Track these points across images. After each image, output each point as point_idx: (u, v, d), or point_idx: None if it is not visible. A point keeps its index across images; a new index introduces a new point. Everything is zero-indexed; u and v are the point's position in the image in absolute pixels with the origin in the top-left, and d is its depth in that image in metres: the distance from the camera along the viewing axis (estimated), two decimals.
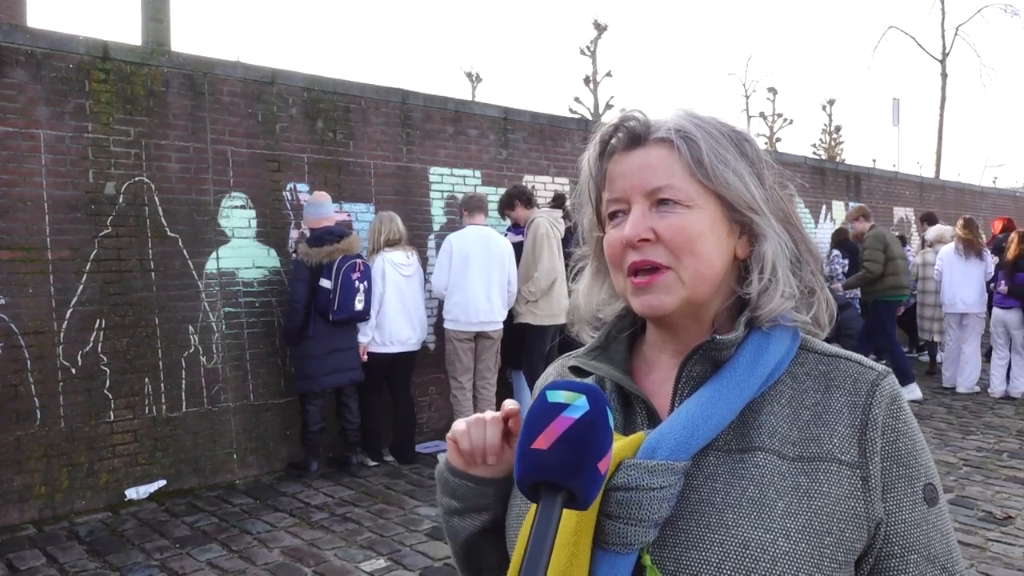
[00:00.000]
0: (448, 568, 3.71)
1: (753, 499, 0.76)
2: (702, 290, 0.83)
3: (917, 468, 0.81)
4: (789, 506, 0.75)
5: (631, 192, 0.84)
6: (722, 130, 0.85)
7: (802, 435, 0.79)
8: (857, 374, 0.83)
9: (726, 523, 0.75)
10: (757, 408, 0.81)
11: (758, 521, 0.75)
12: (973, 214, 13.70)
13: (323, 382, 5.05)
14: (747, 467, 0.78)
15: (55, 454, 4.45)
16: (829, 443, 0.79)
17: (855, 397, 0.81)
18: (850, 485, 0.77)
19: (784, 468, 0.77)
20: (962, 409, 7.02)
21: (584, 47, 27.32)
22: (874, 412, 0.80)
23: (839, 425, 0.80)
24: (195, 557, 3.87)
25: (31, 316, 4.38)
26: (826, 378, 0.83)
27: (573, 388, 0.70)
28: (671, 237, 0.81)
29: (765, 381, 0.81)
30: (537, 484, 0.67)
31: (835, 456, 0.78)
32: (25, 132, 4.36)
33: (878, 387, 0.82)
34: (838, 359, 0.85)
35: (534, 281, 5.54)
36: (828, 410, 0.81)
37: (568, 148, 7.31)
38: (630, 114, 0.87)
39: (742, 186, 0.83)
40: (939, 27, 23.07)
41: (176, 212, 4.92)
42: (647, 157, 0.84)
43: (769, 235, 0.84)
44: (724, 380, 0.80)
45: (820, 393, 0.82)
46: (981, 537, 4.04)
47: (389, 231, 5.31)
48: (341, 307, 4.97)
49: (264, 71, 5.36)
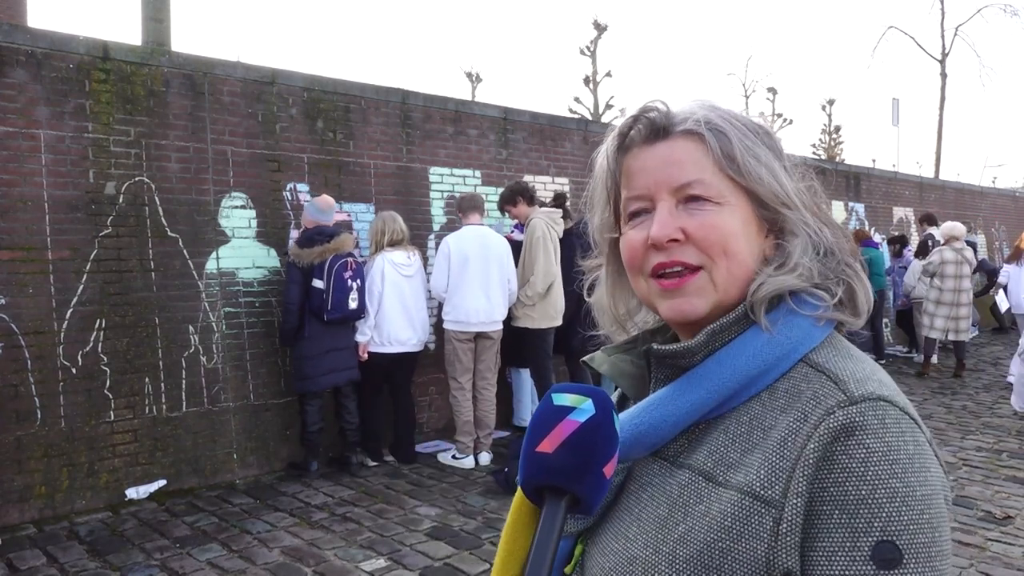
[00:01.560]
0: (448, 568, 3.71)
1: (659, 517, 0.74)
2: (733, 293, 0.77)
3: (870, 520, 0.64)
4: (687, 532, 0.71)
5: (656, 189, 0.78)
6: (744, 121, 0.81)
7: (739, 458, 0.72)
8: (823, 394, 0.70)
9: (628, 535, 0.75)
10: (717, 423, 0.75)
11: (652, 541, 0.73)
12: (973, 214, 13.74)
13: (321, 382, 5.05)
14: (671, 483, 0.75)
15: (55, 454, 4.45)
16: (755, 473, 0.69)
17: (803, 424, 0.69)
18: (758, 524, 0.67)
19: (705, 492, 0.72)
20: (962, 409, 7.03)
21: (584, 47, 27.35)
22: (811, 445, 0.67)
23: (773, 454, 0.69)
24: (195, 557, 3.87)
25: (31, 316, 4.38)
26: (795, 394, 0.72)
27: (579, 391, 0.69)
28: (704, 236, 0.76)
29: (738, 393, 0.74)
30: (541, 487, 0.67)
31: (752, 489, 0.69)
32: (25, 132, 4.36)
33: (831, 416, 0.68)
34: (822, 375, 0.72)
35: (531, 285, 5.52)
36: (770, 434, 0.71)
37: (568, 148, 7.31)
38: (651, 104, 0.81)
39: (774, 181, 0.78)
40: (939, 27, 23.06)
41: (176, 212, 4.92)
42: (672, 151, 0.78)
43: (800, 232, 0.79)
44: (683, 386, 0.76)
45: (781, 413, 0.72)
46: (981, 537, 4.04)
47: (392, 231, 5.30)
48: (335, 307, 4.96)
49: (264, 71, 5.36)
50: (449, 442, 5.80)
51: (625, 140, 0.82)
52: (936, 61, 23.10)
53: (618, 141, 0.83)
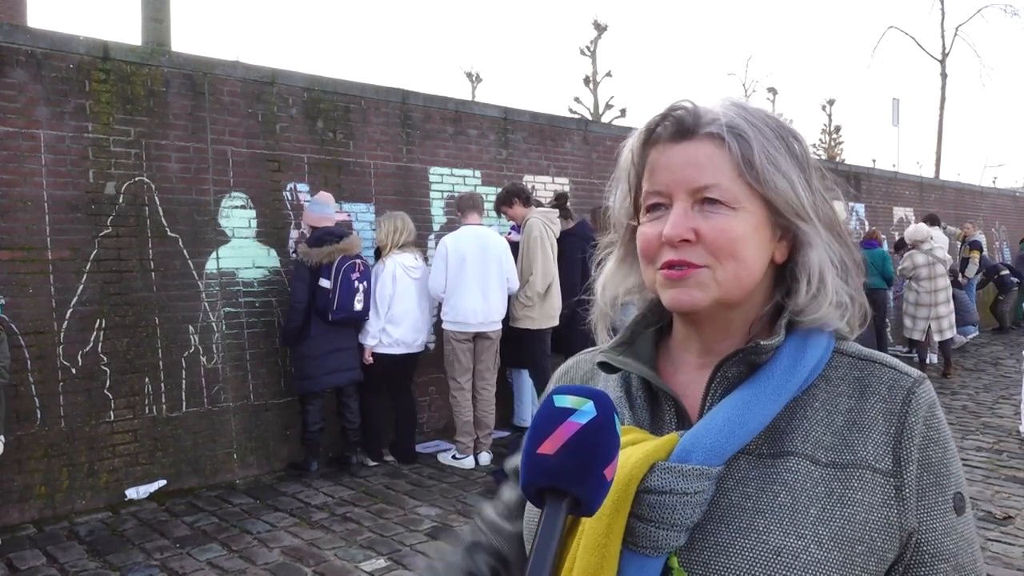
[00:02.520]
0: None
1: (785, 504, 0.75)
2: (735, 294, 0.81)
3: (948, 477, 0.79)
4: (822, 512, 0.74)
5: (674, 188, 0.81)
6: (771, 125, 0.82)
7: (836, 440, 0.78)
8: (893, 380, 0.81)
9: (757, 529, 0.74)
10: (790, 412, 0.79)
11: (790, 527, 0.73)
12: (973, 214, 13.74)
13: (322, 382, 5.06)
14: (779, 472, 0.76)
15: (55, 454, 4.45)
16: (863, 450, 0.77)
17: (891, 404, 0.79)
18: (883, 494, 0.76)
19: (817, 474, 0.76)
20: (962, 409, 7.03)
21: (584, 47, 27.31)
22: (910, 420, 0.78)
23: (874, 432, 0.78)
24: (195, 557, 3.87)
25: (31, 316, 4.38)
26: (860, 383, 0.81)
27: (580, 393, 0.69)
28: (714, 239, 0.78)
29: (800, 385, 0.79)
30: (542, 489, 0.66)
31: (869, 464, 0.76)
32: (25, 132, 4.36)
33: (914, 394, 0.80)
34: (873, 363, 0.83)
35: (530, 285, 5.52)
36: (863, 416, 0.79)
37: (568, 148, 7.31)
38: (680, 103, 0.83)
39: (791, 191, 0.80)
40: (939, 27, 23.08)
41: (176, 212, 4.92)
42: (695, 152, 0.80)
43: (815, 243, 0.81)
44: (761, 384, 0.78)
45: (855, 399, 0.80)
46: (981, 537, 4.04)
47: (408, 231, 5.32)
48: (340, 307, 4.97)
49: (264, 71, 5.36)
50: (449, 442, 5.80)
51: (651, 135, 0.84)
52: (936, 61, 23.11)
53: (645, 136, 0.85)
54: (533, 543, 0.64)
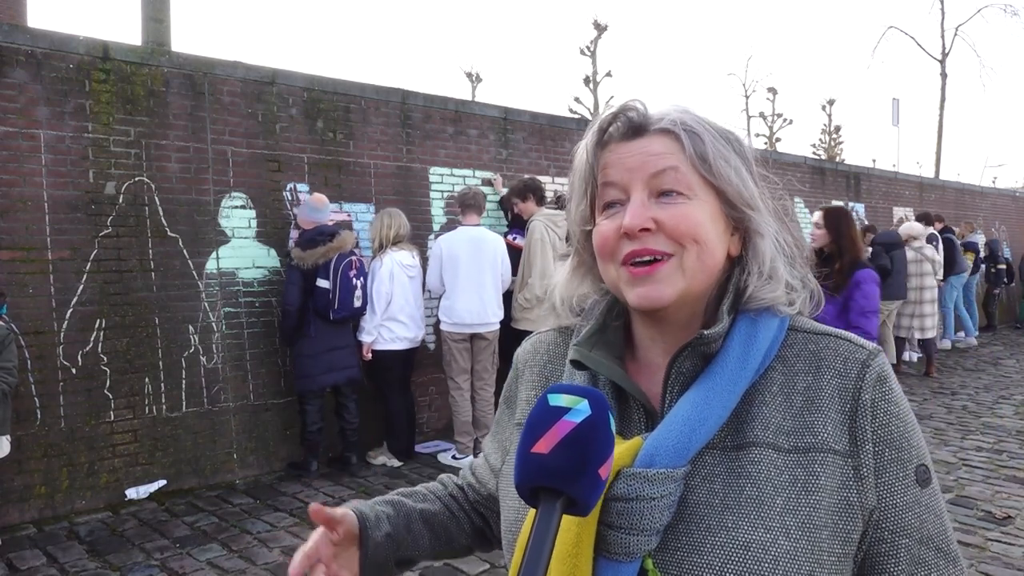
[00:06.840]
0: (448, 568, 3.71)
1: (751, 498, 0.75)
2: (701, 279, 0.82)
3: (909, 451, 0.79)
4: (787, 502, 0.74)
5: (631, 179, 0.82)
6: (715, 126, 0.85)
7: (796, 424, 0.78)
8: (847, 353, 0.81)
9: (726, 525, 0.74)
10: (749, 399, 0.79)
11: (758, 521, 0.74)
12: (973, 214, 13.73)
13: (320, 380, 5.06)
14: (743, 465, 0.77)
15: (55, 454, 4.45)
16: (823, 431, 0.77)
17: (845, 380, 0.79)
18: (843, 475, 0.76)
19: (780, 462, 0.76)
20: (962, 409, 7.02)
21: (584, 47, 27.31)
22: (864, 397, 0.78)
23: (831, 411, 0.78)
24: (195, 557, 3.87)
25: (31, 316, 4.38)
26: (816, 357, 0.81)
27: (575, 392, 0.69)
28: (675, 225, 0.80)
29: (756, 370, 0.80)
30: (537, 489, 0.66)
31: (829, 446, 0.77)
32: (25, 132, 4.36)
33: (868, 367, 0.80)
34: (827, 337, 0.83)
35: (529, 288, 5.52)
36: (819, 394, 0.79)
37: (568, 148, 7.30)
38: (630, 104, 0.85)
39: (740, 183, 0.83)
40: (939, 27, 23.04)
41: (176, 212, 4.92)
42: (650, 144, 0.83)
43: (766, 232, 0.84)
44: (716, 376, 0.78)
45: (811, 375, 0.80)
46: (981, 537, 4.04)
47: (399, 226, 5.31)
48: (341, 306, 4.97)
49: (264, 71, 5.36)
50: (449, 442, 5.80)
51: (604, 136, 0.86)
52: (936, 61, 23.09)
53: (597, 136, 0.86)
54: (527, 542, 0.64)
